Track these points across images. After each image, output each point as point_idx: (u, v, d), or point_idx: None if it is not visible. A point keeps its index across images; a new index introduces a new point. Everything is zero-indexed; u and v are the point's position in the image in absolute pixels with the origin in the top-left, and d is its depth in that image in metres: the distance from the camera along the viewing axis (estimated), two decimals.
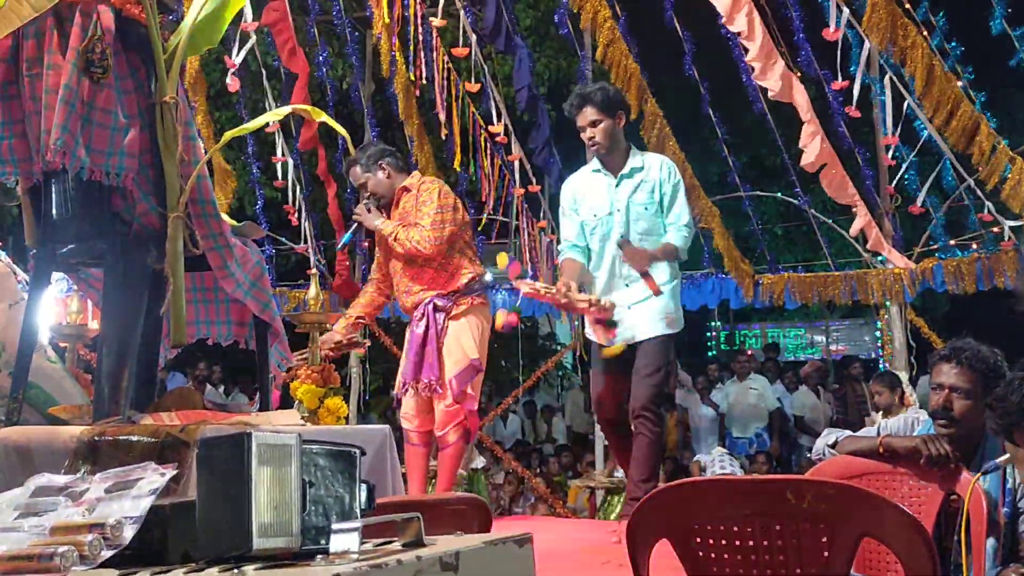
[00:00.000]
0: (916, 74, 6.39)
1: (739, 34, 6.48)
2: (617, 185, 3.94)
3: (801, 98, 6.58)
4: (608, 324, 3.69)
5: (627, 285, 3.91)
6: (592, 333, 3.98)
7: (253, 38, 7.80)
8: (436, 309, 4.12)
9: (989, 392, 2.53)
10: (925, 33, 6.46)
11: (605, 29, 7.25)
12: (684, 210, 3.92)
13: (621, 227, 3.90)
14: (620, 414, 3.98)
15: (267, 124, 6.71)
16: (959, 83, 6.44)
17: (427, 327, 4.09)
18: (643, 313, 3.88)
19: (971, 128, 6.40)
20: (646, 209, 3.91)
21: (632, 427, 3.89)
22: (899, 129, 6.79)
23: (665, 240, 3.87)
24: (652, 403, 3.78)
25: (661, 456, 3.95)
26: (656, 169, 3.95)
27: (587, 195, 4.03)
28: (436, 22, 7.42)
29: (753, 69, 6.54)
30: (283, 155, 8.63)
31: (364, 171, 4.32)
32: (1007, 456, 1.92)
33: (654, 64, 7.52)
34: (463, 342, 4.10)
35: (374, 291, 4.45)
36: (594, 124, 3.90)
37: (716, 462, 7.11)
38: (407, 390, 4.14)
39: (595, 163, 4.05)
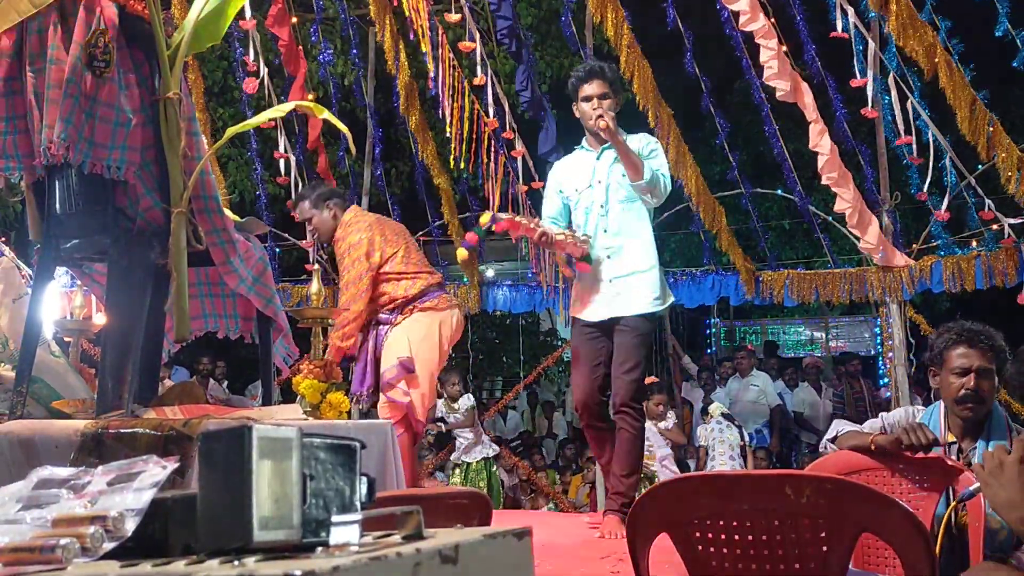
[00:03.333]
0: (940, 72, 6.35)
1: (756, 32, 6.45)
2: (599, 157, 4.02)
3: (807, 98, 6.57)
4: (584, 259, 3.89)
5: (609, 257, 3.95)
6: (570, 301, 4.13)
7: (256, 36, 7.82)
8: (379, 323, 4.52)
9: (1001, 370, 2.64)
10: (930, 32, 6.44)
11: (624, 33, 7.24)
12: (661, 165, 3.96)
13: (601, 198, 3.97)
14: (599, 403, 4.01)
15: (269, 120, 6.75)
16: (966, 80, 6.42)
17: (374, 341, 4.51)
18: (626, 289, 3.91)
19: (985, 127, 6.38)
20: (624, 176, 3.94)
21: (614, 421, 3.96)
22: (914, 129, 6.74)
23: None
24: (633, 398, 3.86)
25: (642, 450, 4.03)
26: (636, 141, 4.01)
27: (572, 172, 4.12)
28: (452, 18, 7.41)
29: (763, 70, 6.52)
30: (285, 151, 8.64)
31: (312, 204, 4.66)
32: (977, 485, 1.96)
33: (653, 60, 7.52)
34: (397, 346, 4.43)
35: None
36: (602, 97, 3.94)
37: (715, 425, 7.13)
38: (357, 397, 4.49)
39: (582, 142, 4.14)
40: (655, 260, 3.96)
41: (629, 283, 3.90)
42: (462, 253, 4.28)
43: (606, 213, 3.96)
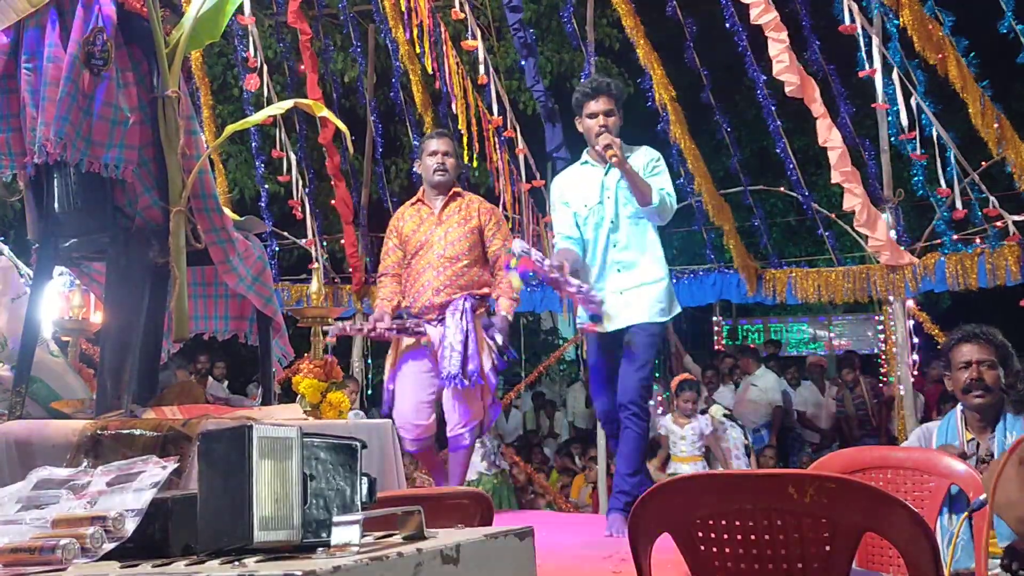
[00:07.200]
0: (950, 70, 6.33)
1: (767, 25, 6.41)
2: (606, 173, 4.02)
3: (815, 93, 6.54)
4: (592, 319, 3.85)
5: (619, 271, 3.98)
6: (580, 321, 4.10)
7: (255, 32, 7.83)
8: (472, 308, 4.28)
9: (1007, 362, 2.94)
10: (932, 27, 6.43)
11: (638, 25, 7.24)
12: (666, 183, 3.97)
13: (611, 213, 3.98)
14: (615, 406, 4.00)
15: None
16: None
17: (467, 323, 4.22)
18: (636, 299, 3.94)
19: (992, 122, 6.36)
20: (633, 194, 3.94)
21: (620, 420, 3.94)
22: (918, 126, 6.71)
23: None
24: (640, 397, 3.85)
25: (647, 450, 4.02)
26: (640, 157, 4.02)
27: (578, 186, 4.11)
28: (458, 14, 7.40)
29: (770, 64, 6.49)
30: (284, 150, 8.62)
31: (453, 148, 4.50)
32: (985, 496, 2.01)
33: (661, 54, 7.50)
34: (491, 341, 4.29)
35: (396, 285, 4.53)
36: (608, 114, 3.97)
37: (720, 426, 7.07)
38: (452, 385, 4.16)
39: (584, 156, 4.14)
40: (664, 272, 4.01)
41: (639, 294, 3.94)
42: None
43: (616, 228, 3.98)
